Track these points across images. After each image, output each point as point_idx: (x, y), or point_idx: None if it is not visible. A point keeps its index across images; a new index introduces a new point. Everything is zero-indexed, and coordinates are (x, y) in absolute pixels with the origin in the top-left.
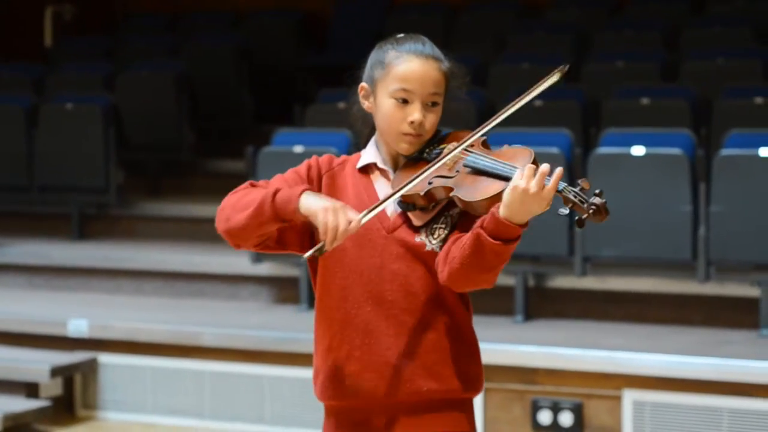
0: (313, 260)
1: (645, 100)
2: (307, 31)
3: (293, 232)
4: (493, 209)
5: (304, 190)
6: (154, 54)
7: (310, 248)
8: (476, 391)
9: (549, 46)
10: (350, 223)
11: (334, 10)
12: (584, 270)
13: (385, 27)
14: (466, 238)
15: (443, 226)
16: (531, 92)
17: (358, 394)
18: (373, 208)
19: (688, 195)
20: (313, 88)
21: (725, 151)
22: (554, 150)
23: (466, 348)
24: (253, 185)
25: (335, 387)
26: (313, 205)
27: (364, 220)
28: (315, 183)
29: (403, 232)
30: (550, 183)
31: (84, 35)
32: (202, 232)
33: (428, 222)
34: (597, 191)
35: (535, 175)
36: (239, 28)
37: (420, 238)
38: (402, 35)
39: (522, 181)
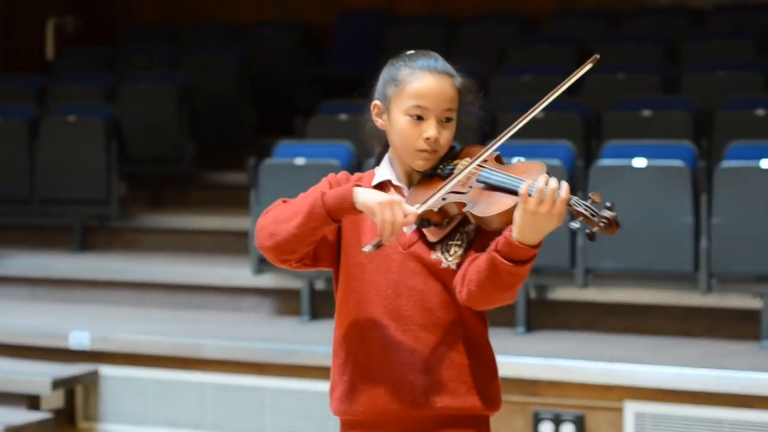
0: (336, 275)
1: (646, 112)
2: (309, 42)
3: (326, 247)
4: (506, 233)
5: (355, 185)
6: (155, 66)
7: (336, 264)
8: (495, 409)
9: (550, 59)
10: (406, 216)
11: (336, 22)
12: (586, 282)
13: (387, 39)
14: (482, 260)
15: (459, 243)
16: (556, 91)
17: (374, 409)
18: (426, 201)
19: (690, 207)
20: (314, 99)
21: (726, 163)
22: (556, 162)
23: (483, 365)
24: (285, 201)
25: (351, 401)
26: (368, 199)
27: (419, 211)
28: None
29: (419, 249)
30: (560, 200)
31: (86, 47)
32: (204, 244)
33: (443, 238)
34: (608, 204)
35: (543, 195)
36: (240, 40)
37: (436, 255)
38: (413, 52)
39: (532, 203)
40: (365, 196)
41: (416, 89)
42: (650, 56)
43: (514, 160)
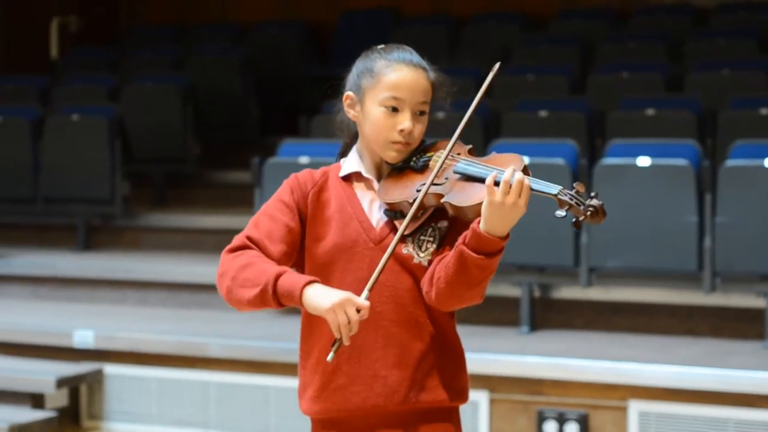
0: (302, 270)
1: (650, 111)
2: (312, 42)
3: (293, 244)
4: (473, 225)
5: (305, 285)
6: (159, 66)
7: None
8: (463, 400)
9: (554, 58)
10: (359, 311)
11: (339, 21)
12: (590, 281)
13: (391, 39)
14: (450, 256)
15: (431, 239)
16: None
17: (347, 407)
18: (373, 281)
19: (694, 206)
20: (318, 99)
21: (731, 162)
22: (560, 161)
23: (452, 359)
24: (248, 240)
25: (324, 400)
26: (318, 303)
27: (367, 303)
28: (302, 205)
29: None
30: (525, 192)
31: (90, 47)
32: (208, 243)
33: (415, 231)
34: (592, 194)
35: (509, 186)
36: (244, 40)
37: (407, 250)
38: (388, 45)
39: (498, 194)
40: (315, 300)
41: (392, 81)
42: (654, 55)
43: (493, 153)
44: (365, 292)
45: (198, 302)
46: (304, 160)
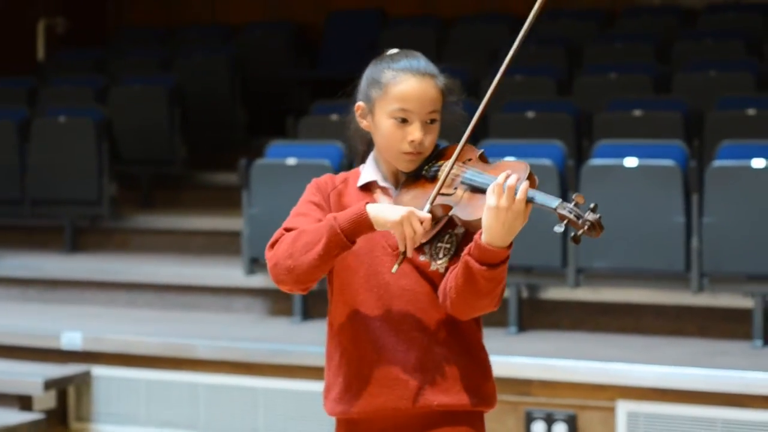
0: (330, 277)
1: (637, 112)
2: (300, 43)
3: None
4: (476, 236)
5: (365, 206)
6: (146, 67)
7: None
8: (487, 405)
9: (541, 59)
10: (422, 223)
11: (327, 22)
12: (577, 281)
13: (378, 40)
14: (458, 266)
15: (448, 245)
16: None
17: (369, 409)
18: (434, 196)
19: (681, 206)
20: (305, 100)
21: (718, 163)
22: (547, 162)
23: (476, 363)
24: (287, 230)
25: (347, 402)
26: (386, 217)
27: (428, 215)
28: (325, 206)
29: None
30: (519, 194)
31: (77, 48)
32: (195, 245)
33: (431, 239)
34: (591, 206)
35: (503, 189)
36: (232, 41)
37: (424, 257)
38: (396, 51)
39: (492, 198)
40: (380, 214)
41: (400, 92)
42: (641, 56)
43: (505, 159)
44: (427, 205)
45: (186, 304)
46: (291, 161)
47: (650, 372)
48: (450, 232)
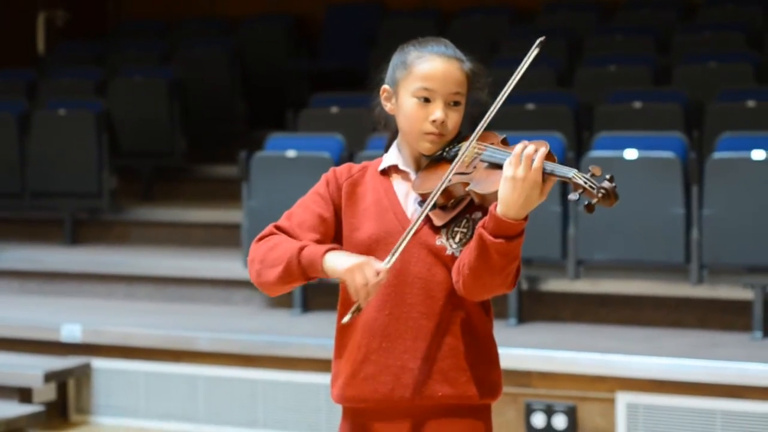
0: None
1: (637, 104)
2: (299, 36)
3: (327, 232)
4: (491, 207)
5: (326, 251)
6: (146, 60)
7: None
8: (493, 397)
9: (541, 51)
10: (378, 274)
11: (326, 15)
12: (577, 273)
13: (377, 32)
14: (472, 241)
15: (465, 230)
16: (520, 71)
17: (374, 396)
18: (397, 249)
19: (681, 198)
20: (305, 92)
21: (717, 154)
22: None
23: (484, 354)
24: (277, 228)
25: (353, 389)
26: (337, 266)
27: (389, 265)
28: (336, 196)
29: (424, 234)
30: (536, 162)
31: (76, 41)
32: (195, 237)
33: (449, 222)
34: (608, 176)
35: (520, 159)
36: (231, 34)
37: (440, 241)
38: (424, 38)
39: (509, 169)
40: (334, 263)
41: (424, 71)
42: (641, 48)
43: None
44: (389, 258)
45: (186, 296)
46: (291, 154)
47: (650, 363)
48: (468, 217)
